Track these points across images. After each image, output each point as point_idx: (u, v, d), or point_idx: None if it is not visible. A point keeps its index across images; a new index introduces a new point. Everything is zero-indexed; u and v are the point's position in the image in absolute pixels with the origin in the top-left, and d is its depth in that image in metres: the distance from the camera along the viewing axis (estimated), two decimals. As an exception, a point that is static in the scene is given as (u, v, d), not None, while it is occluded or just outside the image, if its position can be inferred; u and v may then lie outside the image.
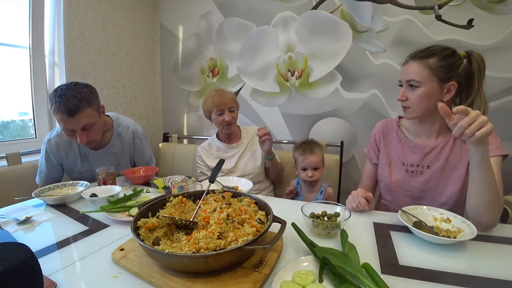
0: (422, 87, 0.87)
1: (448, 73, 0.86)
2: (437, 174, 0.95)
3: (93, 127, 1.13)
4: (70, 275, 0.59)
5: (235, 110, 1.42)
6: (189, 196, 0.81)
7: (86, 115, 1.08)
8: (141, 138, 1.43)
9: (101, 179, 1.17)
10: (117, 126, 1.34)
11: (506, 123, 1.49)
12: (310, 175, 1.29)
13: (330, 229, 0.73)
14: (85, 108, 1.08)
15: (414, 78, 0.88)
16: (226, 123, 1.38)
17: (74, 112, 1.05)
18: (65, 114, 1.05)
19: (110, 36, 2.03)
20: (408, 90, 0.91)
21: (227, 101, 1.37)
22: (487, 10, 1.46)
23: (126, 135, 1.35)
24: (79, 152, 1.26)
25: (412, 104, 0.91)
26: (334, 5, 1.77)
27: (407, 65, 0.92)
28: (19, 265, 0.41)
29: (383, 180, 1.06)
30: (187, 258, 0.51)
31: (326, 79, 1.86)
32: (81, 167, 1.29)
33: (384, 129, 1.09)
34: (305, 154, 1.30)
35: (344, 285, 0.51)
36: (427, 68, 0.86)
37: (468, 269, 0.60)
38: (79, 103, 1.06)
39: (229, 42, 2.12)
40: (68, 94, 1.05)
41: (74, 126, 1.08)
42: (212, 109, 1.39)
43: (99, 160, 1.29)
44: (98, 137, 1.19)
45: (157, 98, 2.55)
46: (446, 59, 0.86)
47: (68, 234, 0.78)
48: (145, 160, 1.49)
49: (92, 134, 1.14)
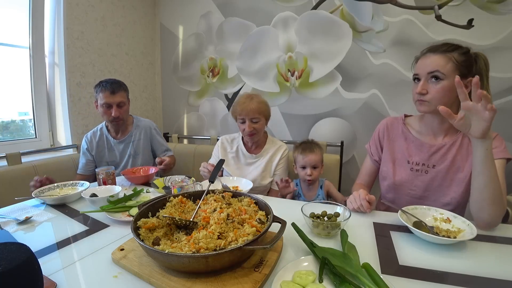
0: (446, 80, 0.85)
1: (468, 68, 0.86)
2: (442, 174, 0.94)
3: (124, 107, 1.51)
4: (70, 275, 0.59)
5: (259, 122, 1.31)
6: (189, 196, 0.81)
7: (121, 96, 1.48)
8: (156, 129, 1.71)
9: (101, 179, 1.18)
10: (136, 121, 1.66)
11: (506, 123, 1.49)
12: (309, 173, 1.29)
13: (330, 229, 0.73)
14: (121, 90, 1.49)
15: (440, 70, 0.85)
16: (246, 133, 1.32)
17: (115, 91, 1.45)
18: (109, 91, 1.44)
19: (110, 36, 2.03)
20: (429, 83, 0.88)
21: (249, 111, 1.28)
22: (487, 10, 1.46)
23: (143, 127, 1.65)
24: (107, 143, 1.59)
25: (432, 97, 0.87)
26: (334, 5, 1.77)
27: (426, 58, 0.89)
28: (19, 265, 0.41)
29: (387, 178, 1.05)
30: (187, 258, 0.51)
31: (326, 79, 1.86)
32: (108, 156, 1.60)
33: (389, 126, 1.08)
34: (305, 153, 1.31)
35: (344, 285, 0.51)
36: (452, 60, 0.85)
37: (468, 269, 0.60)
38: (119, 86, 1.49)
39: (229, 42, 2.12)
40: (112, 80, 1.48)
41: (112, 100, 1.45)
42: (236, 115, 1.34)
43: (120, 148, 1.60)
44: (125, 116, 1.54)
45: (157, 98, 2.55)
46: (465, 54, 0.86)
47: (68, 234, 0.78)
48: (163, 148, 1.69)
49: (122, 111, 1.50)
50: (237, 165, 1.43)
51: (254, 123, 1.31)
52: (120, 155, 1.60)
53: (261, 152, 1.40)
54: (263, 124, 1.35)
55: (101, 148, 1.59)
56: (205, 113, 2.36)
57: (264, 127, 1.37)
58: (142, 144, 1.62)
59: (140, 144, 1.61)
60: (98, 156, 1.59)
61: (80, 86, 1.86)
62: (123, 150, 1.59)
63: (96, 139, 1.58)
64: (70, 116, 1.81)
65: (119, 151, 1.60)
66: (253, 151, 1.42)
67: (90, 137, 1.58)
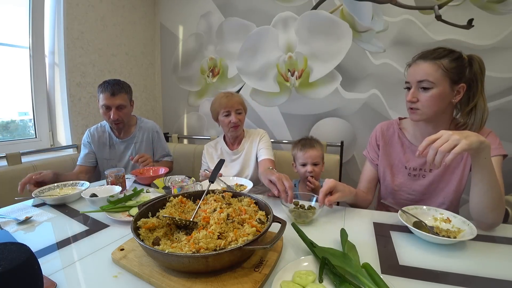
0: (435, 88, 0.85)
1: (459, 75, 0.85)
2: (438, 177, 0.96)
3: (124, 109, 1.48)
4: (70, 275, 0.59)
5: (242, 113, 1.41)
6: (189, 196, 0.81)
7: (122, 98, 1.45)
8: (159, 132, 1.69)
9: (109, 182, 1.13)
10: (140, 122, 1.65)
11: (506, 123, 1.49)
12: (310, 170, 1.25)
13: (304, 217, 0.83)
14: (123, 93, 1.46)
15: (428, 79, 0.85)
16: (232, 125, 1.37)
17: (115, 93, 1.42)
18: (109, 93, 1.41)
19: (110, 36, 2.03)
20: (419, 91, 0.88)
21: (234, 103, 1.37)
22: (487, 10, 1.46)
23: (146, 129, 1.64)
24: (109, 141, 1.59)
25: (422, 105, 0.88)
26: (334, 5, 1.77)
27: (417, 65, 0.89)
28: (19, 265, 0.41)
29: (385, 182, 1.06)
30: (187, 258, 0.51)
31: (326, 79, 1.86)
32: (109, 154, 1.59)
33: (384, 132, 1.08)
34: (305, 149, 1.28)
35: (344, 285, 0.51)
36: (441, 68, 0.84)
37: (468, 269, 0.60)
38: (120, 88, 1.45)
39: (229, 42, 2.13)
40: (114, 82, 1.45)
41: (112, 103, 1.42)
42: (219, 110, 1.38)
43: (121, 148, 1.60)
44: (125, 119, 1.52)
45: (157, 98, 2.55)
46: (456, 60, 0.85)
47: (68, 234, 0.78)
48: (162, 152, 1.68)
49: (122, 114, 1.48)
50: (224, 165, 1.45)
51: (238, 114, 1.39)
52: (121, 154, 1.60)
53: (241, 145, 1.46)
54: (244, 117, 1.44)
55: (102, 145, 1.59)
56: (205, 113, 2.36)
57: (244, 119, 1.45)
58: (144, 146, 1.62)
59: (142, 146, 1.62)
60: (98, 152, 1.59)
61: (80, 86, 1.86)
62: (124, 150, 1.60)
63: (99, 134, 1.58)
64: (70, 116, 1.81)
65: (120, 150, 1.60)
66: (235, 148, 1.48)
67: (93, 132, 1.58)
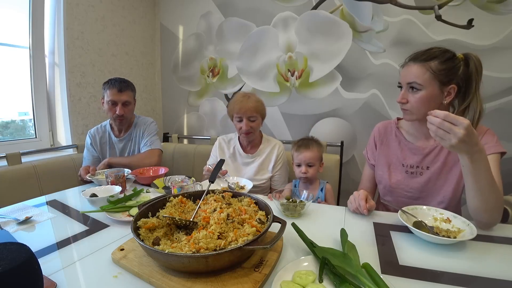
0: (424, 90, 0.87)
1: (449, 76, 0.85)
2: (436, 174, 0.96)
3: (129, 106, 1.55)
4: (70, 275, 0.59)
5: (256, 120, 1.33)
6: (189, 196, 0.81)
7: (128, 95, 1.52)
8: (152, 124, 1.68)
9: (109, 182, 1.13)
10: (136, 119, 1.67)
11: (506, 123, 1.49)
12: (304, 171, 1.25)
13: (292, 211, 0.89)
14: (129, 90, 1.53)
15: (416, 81, 0.87)
16: (243, 131, 1.33)
17: (122, 89, 1.49)
18: (116, 89, 1.47)
19: (110, 36, 2.03)
20: (409, 93, 0.90)
21: (247, 110, 1.29)
22: (487, 10, 1.46)
23: (141, 124, 1.66)
24: (109, 141, 1.63)
25: (412, 106, 0.90)
26: (334, 5, 1.77)
27: (408, 67, 0.91)
28: (19, 265, 0.41)
29: (382, 181, 1.06)
30: (187, 258, 0.51)
31: (326, 79, 1.86)
32: (109, 154, 1.63)
33: (382, 131, 1.10)
34: (300, 150, 1.27)
35: (344, 285, 0.51)
36: (429, 71, 0.85)
37: (468, 269, 0.60)
38: (127, 86, 1.53)
39: (229, 42, 2.12)
40: (121, 79, 1.53)
41: (118, 98, 1.48)
42: (233, 113, 1.34)
43: (120, 147, 1.63)
44: (129, 115, 1.57)
45: (157, 98, 2.55)
46: (447, 62, 0.85)
47: (68, 234, 0.78)
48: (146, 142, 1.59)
49: (127, 111, 1.53)
50: (234, 165, 1.44)
51: (251, 121, 1.32)
52: (120, 153, 1.62)
53: (257, 152, 1.41)
54: (259, 123, 1.37)
55: (103, 145, 1.62)
56: (205, 113, 2.36)
57: (260, 126, 1.39)
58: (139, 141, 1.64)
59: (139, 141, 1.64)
60: (101, 152, 1.62)
61: (80, 86, 1.86)
62: (123, 149, 1.62)
63: (99, 135, 1.61)
64: (70, 116, 1.81)
65: (119, 149, 1.62)
66: (249, 151, 1.43)
67: (93, 133, 1.61)
